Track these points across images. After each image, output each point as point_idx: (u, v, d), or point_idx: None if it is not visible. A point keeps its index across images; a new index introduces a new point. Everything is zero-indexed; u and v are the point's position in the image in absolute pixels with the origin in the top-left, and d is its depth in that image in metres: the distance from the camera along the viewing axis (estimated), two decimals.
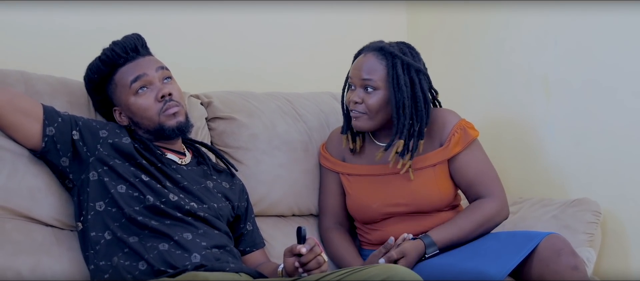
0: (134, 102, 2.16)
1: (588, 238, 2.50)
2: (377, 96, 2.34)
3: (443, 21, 3.07)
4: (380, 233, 2.40)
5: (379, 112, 2.36)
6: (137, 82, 2.15)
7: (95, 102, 2.26)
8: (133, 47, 2.18)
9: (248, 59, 2.89)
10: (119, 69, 2.17)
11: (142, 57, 2.18)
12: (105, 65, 2.17)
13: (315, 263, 1.94)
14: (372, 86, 2.34)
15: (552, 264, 2.12)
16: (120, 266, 2.01)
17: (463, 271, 2.14)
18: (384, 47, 2.37)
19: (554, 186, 2.77)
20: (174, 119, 2.16)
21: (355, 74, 2.37)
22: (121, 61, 2.17)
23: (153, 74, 2.16)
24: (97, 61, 2.17)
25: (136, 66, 2.16)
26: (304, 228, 1.95)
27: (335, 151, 2.51)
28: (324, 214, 2.51)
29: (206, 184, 2.22)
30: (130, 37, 2.19)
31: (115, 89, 2.18)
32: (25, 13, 2.48)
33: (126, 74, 2.16)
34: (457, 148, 2.38)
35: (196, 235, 2.06)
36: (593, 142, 2.68)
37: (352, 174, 2.46)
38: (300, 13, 2.97)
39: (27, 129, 2.08)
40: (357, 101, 2.35)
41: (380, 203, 2.39)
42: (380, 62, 2.35)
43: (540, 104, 2.81)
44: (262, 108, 2.56)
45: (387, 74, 2.34)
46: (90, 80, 2.20)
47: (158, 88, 2.15)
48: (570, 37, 2.73)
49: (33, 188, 2.12)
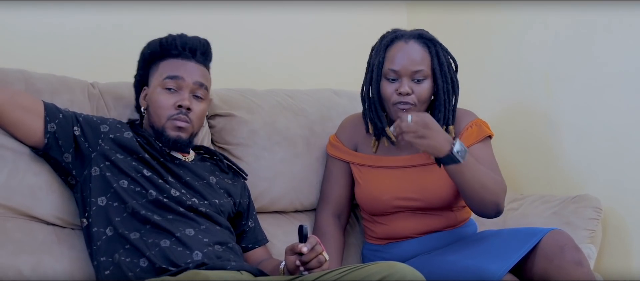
0: (157, 94, 2.17)
1: (589, 235, 2.50)
2: (426, 85, 2.30)
3: (443, 20, 3.08)
4: (387, 228, 2.39)
5: (426, 102, 2.32)
6: (170, 80, 2.17)
7: (136, 75, 2.27)
8: (192, 48, 2.21)
9: (249, 57, 2.90)
10: (168, 59, 2.20)
11: (194, 63, 2.21)
12: (160, 47, 2.21)
13: (317, 262, 1.94)
14: (422, 75, 2.29)
15: (555, 260, 2.11)
16: (122, 263, 2.00)
17: (465, 269, 2.14)
18: (422, 34, 2.33)
19: (555, 183, 2.78)
20: (176, 132, 2.16)
21: (402, 63, 2.29)
22: (174, 53, 2.20)
23: (188, 83, 2.17)
24: (157, 41, 2.22)
25: (181, 66, 2.19)
26: (305, 227, 1.95)
27: (348, 139, 2.47)
28: (325, 202, 2.48)
29: (209, 180, 2.22)
30: (195, 39, 2.23)
31: (154, 73, 2.21)
32: (25, 13, 2.48)
33: (168, 67, 2.19)
34: (470, 141, 2.34)
35: (198, 230, 2.06)
36: (594, 138, 2.68)
37: (364, 165, 2.43)
38: (300, 12, 2.97)
39: (28, 126, 2.08)
40: (408, 91, 2.28)
41: (390, 196, 2.36)
42: (424, 50, 2.30)
43: (541, 100, 2.81)
44: (262, 104, 2.56)
45: (431, 62, 2.30)
46: (143, 53, 2.24)
47: (182, 96, 2.16)
48: (571, 34, 2.73)
49: (34, 186, 2.12)
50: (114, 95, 2.35)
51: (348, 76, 2.80)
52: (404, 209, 2.36)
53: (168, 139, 2.16)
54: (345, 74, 2.89)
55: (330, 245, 2.39)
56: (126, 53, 2.67)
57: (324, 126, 2.60)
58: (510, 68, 2.92)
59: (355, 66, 2.62)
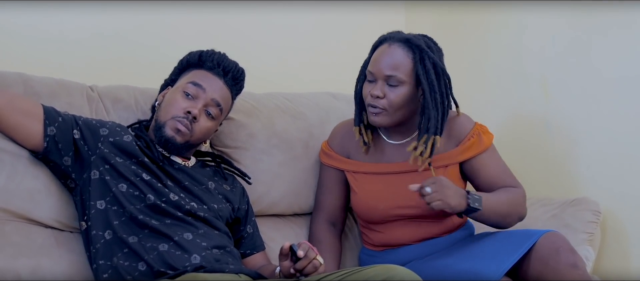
0: (175, 94, 2.19)
1: (588, 238, 2.50)
2: (401, 91, 2.23)
3: (441, 21, 3.08)
4: (383, 236, 2.38)
5: (401, 108, 2.24)
6: (192, 86, 2.19)
7: (169, 78, 2.31)
8: (226, 68, 2.25)
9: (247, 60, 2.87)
10: (200, 69, 2.23)
11: (222, 82, 2.23)
12: (199, 58, 2.25)
13: (312, 267, 1.94)
14: (397, 80, 2.22)
15: (551, 262, 2.11)
16: (120, 267, 2.01)
17: (461, 271, 2.14)
18: (410, 39, 2.24)
19: (554, 186, 2.78)
20: (173, 133, 2.16)
21: (378, 66, 2.24)
22: (208, 66, 2.23)
23: (206, 96, 2.19)
24: (198, 52, 2.26)
25: (208, 79, 2.21)
26: (294, 245, 1.94)
27: (339, 147, 2.44)
28: (320, 210, 2.46)
29: (207, 185, 2.22)
30: (233, 62, 2.27)
31: (183, 77, 2.24)
32: (24, 16, 2.49)
33: (197, 75, 2.22)
34: (473, 151, 2.33)
35: (196, 235, 2.06)
36: (592, 141, 2.68)
37: (358, 172, 2.40)
38: (299, 13, 2.97)
39: (28, 130, 2.08)
40: (379, 95, 2.23)
41: (387, 205, 2.33)
42: (407, 55, 2.22)
43: (539, 103, 2.81)
44: (260, 108, 2.56)
45: (413, 69, 2.22)
46: (182, 61, 2.29)
47: (195, 105, 2.17)
48: (569, 38, 2.73)
49: (33, 189, 2.12)
50: (113, 98, 2.35)
51: (347, 79, 2.79)
52: (401, 217, 2.34)
53: (162, 136, 2.16)
54: (343, 78, 2.88)
55: (327, 253, 2.36)
56: (125, 56, 2.68)
57: (323, 130, 2.59)
58: (508, 72, 2.92)
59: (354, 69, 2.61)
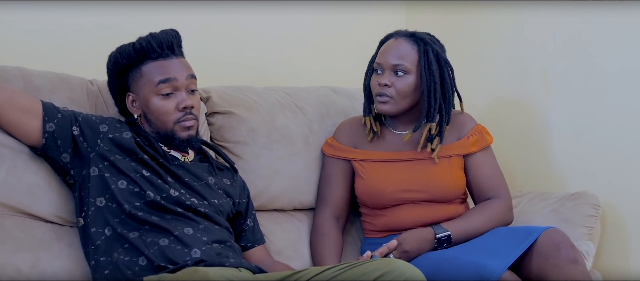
0: (155, 103, 2.13)
1: (587, 232, 2.50)
2: (407, 80, 2.36)
3: (442, 20, 3.07)
4: (387, 220, 2.41)
5: (407, 97, 2.37)
6: (165, 84, 2.12)
7: (111, 82, 2.21)
8: (169, 44, 2.15)
9: (248, 55, 2.89)
10: (150, 62, 2.14)
11: (176, 58, 2.16)
12: (137, 54, 2.13)
13: None
14: (403, 69, 2.35)
15: (551, 258, 2.12)
16: (120, 262, 2.01)
17: (462, 266, 2.14)
18: (415, 33, 2.40)
19: (554, 180, 2.78)
20: (187, 132, 2.16)
21: (385, 57, 2.38)
22: (154, 56, 2.13)
23: (182, 81, 2.14)
24: (130, 48, 2.14)
25: (168, 66, 2.13)
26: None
27: (346, 139, 2.50)
28: (324, 203, 2.48)
29: (208, 180, 2.22)
30: (168, 33, 2.16)
31: (139, 79, 2.15)
32: (23, 10, 2.48)
33: (156, 71, 2.13)
34: (474, 148, 2.42)
35: (197, 229, 2.06)
36: (593, 135, 2.68)
37: (366, 160, 2.45)
38: (300, 11, 2.97)
39: (27, 127, 2.08)
40: (387, 83, 2.36)
41: (394, 188, 2.39)
42: (412, 47, 2.38)
43: (540, 98, 2.81)
44: (261, 102, 2.56)
45: (418, 59, 2.36)
46: (117, 63, 2.16)
47: (182, 97, 2.14)
48: (569, 32, 2.73)
49: (33, 184, 2.12)
50: None
51: (347, 75, 2.80)
52: (407, 201, 2.39)
53: (181, 141, 2.15)
54: (344, 73, 2.89)
55: (330, 247, 2.41)
56: None
57: (323, 124, 2.60)
58: (509, 66, 2.92)
59: (354, 64, 2.62)
